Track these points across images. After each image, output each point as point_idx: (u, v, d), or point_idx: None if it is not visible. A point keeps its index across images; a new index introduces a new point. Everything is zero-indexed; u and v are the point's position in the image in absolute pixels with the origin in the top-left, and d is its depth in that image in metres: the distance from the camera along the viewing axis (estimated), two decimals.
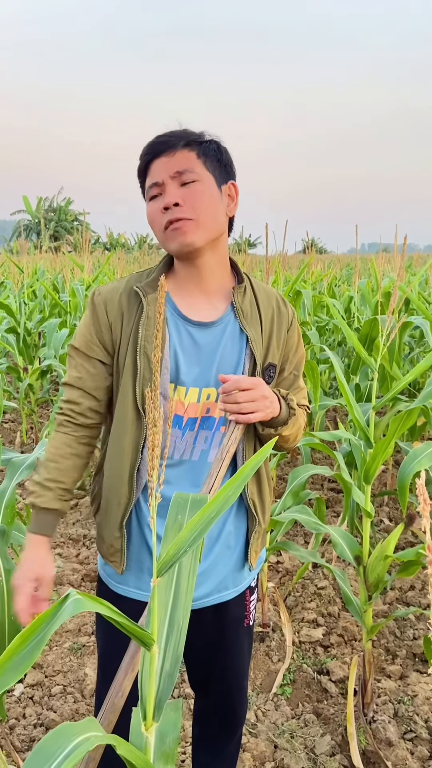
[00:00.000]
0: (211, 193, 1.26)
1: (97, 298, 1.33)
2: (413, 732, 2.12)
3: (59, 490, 1.31)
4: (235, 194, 1.33)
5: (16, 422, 5.82)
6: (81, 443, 1.34)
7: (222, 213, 1.30)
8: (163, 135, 1.28)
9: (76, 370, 1.33)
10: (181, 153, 1.24)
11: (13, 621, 1.69)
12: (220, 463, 1.21)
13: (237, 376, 1.22)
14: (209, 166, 1.27)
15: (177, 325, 1.30)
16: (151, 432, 0.73)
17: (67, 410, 1.34)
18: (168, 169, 1.24)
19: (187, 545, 0.77)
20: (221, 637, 1.45)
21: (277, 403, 1.26)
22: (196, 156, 1.25)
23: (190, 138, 1.26)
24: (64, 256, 11.17)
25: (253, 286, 1.37)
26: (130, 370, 1.28)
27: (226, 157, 1.31)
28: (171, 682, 0.82)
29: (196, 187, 1.24)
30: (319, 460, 4.67)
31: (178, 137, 1.26)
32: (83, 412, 1.33)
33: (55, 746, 0.66)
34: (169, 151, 1.24)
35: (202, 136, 1.29)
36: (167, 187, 1.25)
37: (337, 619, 2.82)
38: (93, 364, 1.32)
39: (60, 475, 1.31)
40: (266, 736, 2.11)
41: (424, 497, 0.45)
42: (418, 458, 2.16)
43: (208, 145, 1.28)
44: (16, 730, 2.14)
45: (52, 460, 1.32)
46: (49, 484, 1.30)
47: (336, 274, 10.28)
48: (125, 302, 1.30)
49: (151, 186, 1.26)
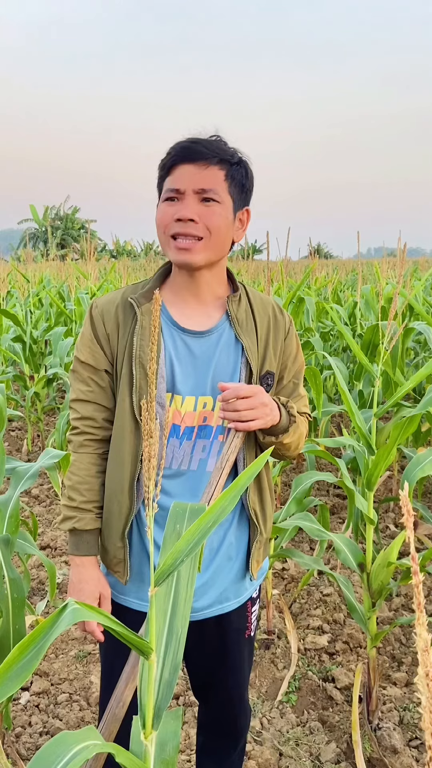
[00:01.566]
0: (226, 218, 1.27)
1: (94, 311, 1.35)
2: (419, 739, 2.12)
3: (97, 510, 1.35)
4: (246, 220, 1.34)
5: (23, 430, 5.85)
6: (104, 459, 1.36)
7: (230, 237, 1.31)
8: (198, 141, 1.27)
9: (85, 384, 1.34)
10: (212, 170, 1.24)
11: (17, 629, 1.71)
12: (219, 472, 1.22)
13: (236, 384, 1.23)
14: (232, 190, 1.27)
15: (172, 334, 1.31)
16: (147, 443, 0.74)
17: (86, 428, 1.35)
18: (194, 182, 1.24)
19: (185, 554, 0.78)
20: (222, 648, 1.46)
21: (277, 411, 1.27)
22: (224, 177, 1.26)
23: (223, 155, 1.26)
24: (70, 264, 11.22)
25: (248, 294, 1.38)
26: (126, 380, 1.29)
27: (249, 183, 1.32)
28: (170, 690, 0.82)
29: (215, 209, 1.25)
30: (324, 466, 4.66)
31: (213, 151, 1.25)
32: (102, 425, 1.35)
33: (54, 754, 0.67)
34: (202, 162, 1.24)
35: (234, 155, 1.28)
36: (187, 199, 1.25)
37: (343, 626, 2.81)
38: (101, 376, 1.33)
39: (94, 495, 1.35)
40: (271, 743, 2.11)
41: (407, 508, 0.46)
42: (422, 464, 2.15)
43: (238, 168, 1.28)
44: (22, 738, 2.15)
45: (83, 482, 1.34)
46: (86, 506, 1.33)
47: (341, 280, 10.28)
48: (121, 314, 1.32)
49: (171, 189, 1.26)
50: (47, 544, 3.57)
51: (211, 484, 1.22)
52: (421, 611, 0.46)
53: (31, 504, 4.18)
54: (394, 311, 1.98)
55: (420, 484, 3.78)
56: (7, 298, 7.25)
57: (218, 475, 1.22)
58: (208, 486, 1.22)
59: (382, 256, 5.99)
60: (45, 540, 3.60)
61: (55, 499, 4.23)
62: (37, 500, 4.25)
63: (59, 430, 4.10)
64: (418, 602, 0.46)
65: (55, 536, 3.65)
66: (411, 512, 0.46)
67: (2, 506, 1.93)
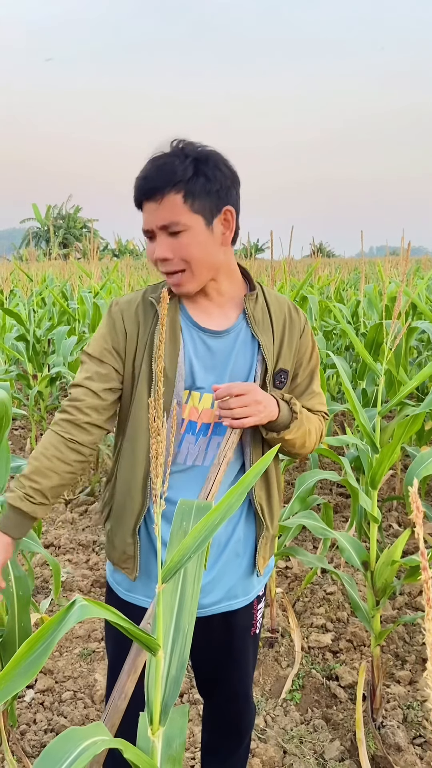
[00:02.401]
0: (199, 241, 1.25)
1: (114, 308, 1.36)
2: (422, 737, 2.12)
3: (30, 489, 1.27)
4: (231, 219, 1.29)
5: (26, 429, 5.86)
6: (69, 447, 1.30)
7: (215, 248, 1.29)
8: (147, 174, 1.25)
9: (86, 373, 1.35)
10: (168, 199, 1.22)
11: (23, 627, 1.71)
12: (217, 468, 1.23)
13: (229, 384, 1.25)
14: (197, 206, 1.24)
15: (191, 333, 1.33)
16: (154, 441, 0.75)
17: (68, 407, 1.33)
18: (156, 219, 1.25)
19: (192, 551, 0.78)
20: (228, 645, 1.46)
21: (273, 407, 1.27)
22: (182, 200, 1.22)
23: (175, 179, 1.22)
24: (72, 263, 11.24)
25: (265, 293, 1.40)
26: (146, 377, 1.31)
27: (217, 183, 1.25)
28: (177, 686, 0.83)
29: (183, 239, 1.24)
30: (328, 464, 4.67)
31: (162, 181, 1.22)
32: (82, 407, 1.31)
33: (62, 750, 0.68)
34: (156, 195, 1.23)
35: (186, 170, 1.22)
36: (157, 237, 1.27)
37: (346, 625, 2.82)
38: (104, 368, 1.34)
39: (36, 474, 1.28)
40: (275, 741, 2.11)
41: (416, 505, 0.46)
42: (425, 463, 2.16)
43: (195, 181, 1.23)
44: (27, 736, 2.15)
45: (35, 457, 1.30)
46: (23, 481, 1.28)
47: (344, 279, 10.28)
48: (141, 313, 1.34)
49: (144, 231, 1.29)
50: (51, 542, 3.58)
51: (209, 480, 1.23)
52: (430, 607, 0.47)
53: None
54: (398, 310, 1.98)
55: (423, 483, 3.78)
56: (10, 297, 7.26)
57: (216, 471, 1.23)
58: (207, 482, 1.23)
59: (384, 254, 5.99)
60: (48, 538, 3.61)
61: None
62: None
63: None
64: (427, 598, 0.46)
65: (58, 535, 3.66)
66: (420, 508, 0.46)
67: None
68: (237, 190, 1.32)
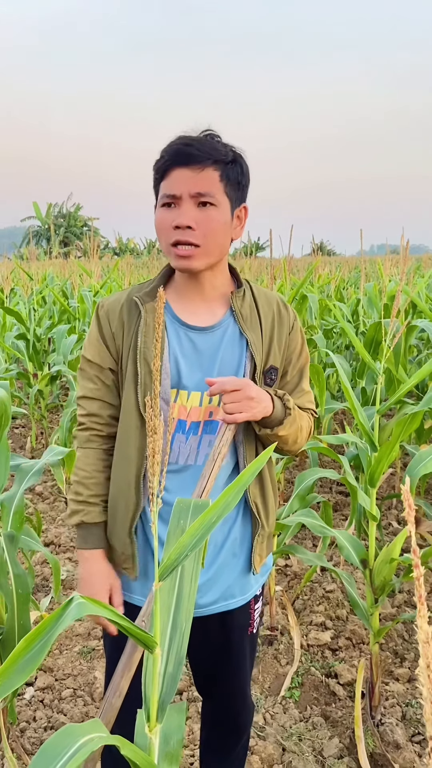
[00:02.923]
0: (223, 221, 1.27)
1: (101, 311, 1.37)
2: (421, 735, 2.12)
3: (103, 504, 1.37)
4: (244, 217, 1.33)
5: (27, 428, 5.87)
6: (109, 454, 1.38)
7: (228, 238, 1.31)
8: (191, 143, 1.24)
9: (91, 382, 1.36)
10: (207, 172, 1.22)
11: (22, 624, 1.72)
12: (212, 465, 1.23)
13: (222, 379, 1.23)
14: (229, 190, 1.26)
15: (177, 331, 1.32)
16: (151, 439, 0.75)
17: (92, 424, 1.37)
18: (190, 186, 1.22)
19: (189, 549, 0.79)
20: (225, 645, 1.47)
21: (267, 403, 1.27)
22: (219, 178, 1.24)
23: (217, 156, 1.23)
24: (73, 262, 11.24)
25: (252, 290, 1.39)
26: (131, 377, 1.31)
27: (245, 179, 1.31)
28: (174, 684, 0.83)
29: (212, 213, 1.24)
30: (327, 463, 4.67)
31: (206, 153, 1.22)
32: (107, 422, 1.37)
33: (60, 747, 0.68)
34: (196, 165, 1.22)
35: (228, 154, 1.26)
36: (184, 204, 1.24)
37: (346, 623, 2.82)
38: (106, 374, 1.35)
39: (100, 489, 1.37)
40: (274, 738, 2.12)
41: (409, 503, 0.47)
42: (425, 461, 2.16)
43: (233, 167, 1.26)
44: (26, 733, 2.16)
45: (90, 477, 1.36)
46: (93, 500, 1.36)
47: (344, 277, 10.27)
48: (126, 313, 1.33)
49: (167, 195, 1.25)
50: (51, 541, 3.59)
51: (203, 477, 1.23)
52: (422, 604, 0.47)
53: (35, 501, 4.19)
54: (397, 309, 1.98)
55: (423, 481, 3.78)
56: (11, 296, 7.26)
57: (210, 468, 1.23)
58: (201, 479, 1.23)
59: (384, 253, 5.99)
60: (49, 537, 3.62)
61: (58, 496, 4.25)
62: (41, 497, 4.26)
63: (63, 428, 4.11)
64: (419, 595, 0.47)
65: (58, 533, 3.67)
66: (412, 506, 0.46)
67: (7, 503, 1.94)
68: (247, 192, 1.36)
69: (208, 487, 1.20)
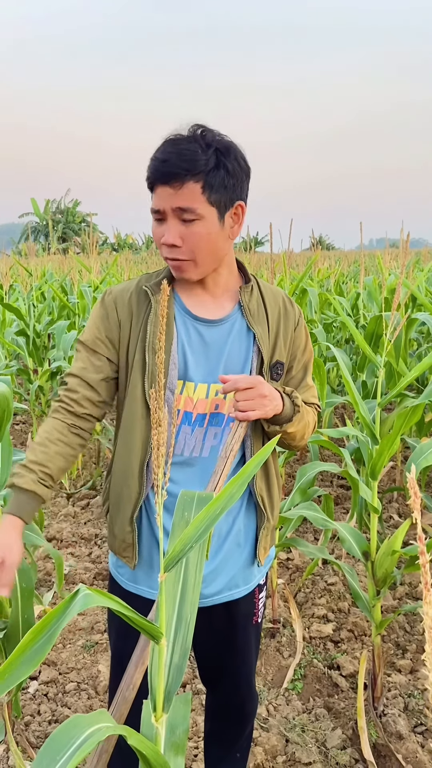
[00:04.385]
0: (210, 233, 1.24)
1: (108, 297, 1.36)
2: (423, 725, 2.14)
3: (42, 474, 1.29)
4: (241, 214, 1.30)
5: (27, 423, 5.87)
6: (72, 432, 1.34)
7: (222, 242, 1.28)
8: (168, 158, 1.21)
9: (81, 362, 1.36)
10: (186, 187, 1.20)
11: (26, 619, 1.72)
12: (224, 461, 1.23)
13: (236, 377, 1.23)
14: (214, 198, 1.23)
15: (185, 322, 1.33)
16: (155, 432, 0.76)
17: (64, 397, 1.36)
18: (171, 202, 1.22)
19: (194, 541, 0.79)
20: (231, 635, 1.48)
21: (279, 401, 1.27)
22: (201, 190, 1.21)
23: (197, 168, 1.20)
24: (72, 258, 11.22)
25: (260, 286, 1.40)
26: (139, 366, 1.31)
27: (234, 178, 1.25)
28: (180, 674, 0.84)
29: (196, 228, 1.23)
30: (328, 456, 4.68)
31: (184, 168, 1.19)
32: (78, 400, 1.34)
33: (67, 737, 0.68)
34: (175, 182, 1.20)
35: (209, 161, 1.21)
36: (169, 220, 1.24)
37: (347, 615, 2.83)
38: (98, 358, 1.35)
39: (45, 459, 1.29)
40: (278, 730, 2.13)
41: (414, 491, 0.47)
42: (425, 453, 2.17)
43: (215, 174, 1.22)
44: (31, 727, 2.17)
45: (40, 443, 1.32)
46: (32, 466, 1.29)
47: (343, 271, 10.26)
48: (135, 301, 1.33)
49: (154, 211, 1.26)
50: (53, 536, 3.60)
51: (216, 473, 1.23)
52: (428, 590, 0.48)
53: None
54: (397, 302, 1.98)
55: (423, 474, 3.79)
56: (10, 292, 7.26)
57: (223, 464, 1.24)
58: (214, 475, 1.23)
59: (384, 247, 5.98)
60: (51, 532, 3.63)
61: (60, 491, 4.25)
62: None
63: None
64: (425, 581, 0.47)
65: (60, 528, 3.68)
66: (418, 494, 0.47)
67: (10, 498, 1.94)
68: (248, 183, 1.32)
69: (220, 483, 1.20)
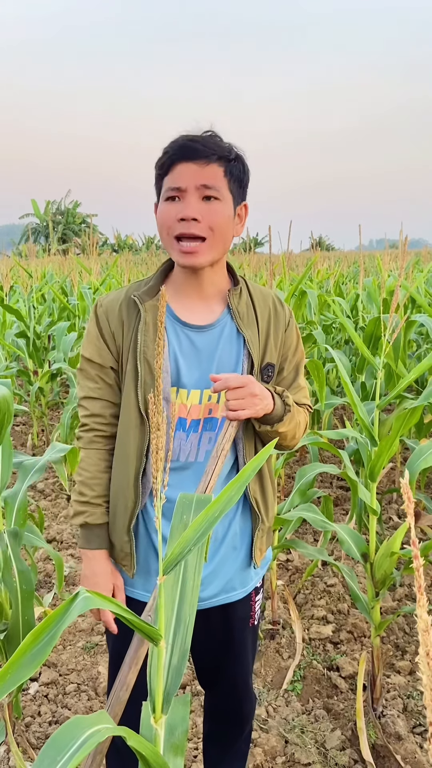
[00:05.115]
0: (227, 215, 1.28)
1: (99, 309, 1.37)
2: (422, 726, 2.14)
3: (106, 504, 1.38)
4: (244, 215, 1.35)
5: (27, 425, 5.88)
6: (112, 454, 1.39)
7: (231, 234, 1.32)
8: (196, 139, 1.26)
9: (93, 382, 1.36)
10: (212, 167, 1.24)
11: (27, 620, 1.73)
12: (215, 461, 1.24)
13: (227, 375, 1.24)
14: (232, 186, 1.28)
15: (175, 329, 1.33)
16: (154, 436, 0.76)
17: (95, 425, 1.37)
18: (195, 178, 1.23)
19: (192, 543, 0.80)
20: (228, 637, 1.48)
21: (269, 400, 1.28)
22: (223, 173, 1.26)
23: (222, 152, 1.25)
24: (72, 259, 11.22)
25: (249, 288, 1.40)
26: (131, 376, 1.31)
27: (246, 177, 1.33)
28: (179, 676, 0.85)
29: (217, 206, 1.26)
30: (327, 458, 4.69)
31: (211, 149, 1.24)
32: (110, 421, 1.37)
33: (68, 738, 0.69)
34: (202, 160, 1.23)
35: (231, 151, 1.28)
36: (189, 197, 1.24)
37: (347, 616, 2.84)
38: (107, 373, 1.35)
39: (103, 490, 1.38)
40: (277, 731, 2.14)
41: (408, 496, 0.48)
42: (425, 455, 2.17)
43: (236, 164, 1.29)
44: (31, 728, 2.18)
45: (93, 477, 1.37)
46: (96, 501, 1.36)
47: (343, 272, 10.27)
48: (125, 311, 1.34)
49: (172, 188, 1.26)
50: (53, 537, 3.60)
51: (207, 474, 1.23)
52: (422, 594, 0.48)
53: (37, 498, 4.21)
54: (396, 303, 1.99)
55: (423, 475, 3.80)
56: (10, 294, 7.27)
57: (214, 464, 1.24)
58: (204, 475, 1.24)
59: (384, 247, 5.99)
60: (51, 533, 3.63)
61: (60, 493, 4.26)
62: (43, 494, 4.28)
63: (64, 425, 4.12)
64: (419, 585, 0.48)
65: (61, 530, 3.68)
66: (411, 499, 0.47)
67: (10, 499, 1.95)
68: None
69: (211, 483, 1.21)
